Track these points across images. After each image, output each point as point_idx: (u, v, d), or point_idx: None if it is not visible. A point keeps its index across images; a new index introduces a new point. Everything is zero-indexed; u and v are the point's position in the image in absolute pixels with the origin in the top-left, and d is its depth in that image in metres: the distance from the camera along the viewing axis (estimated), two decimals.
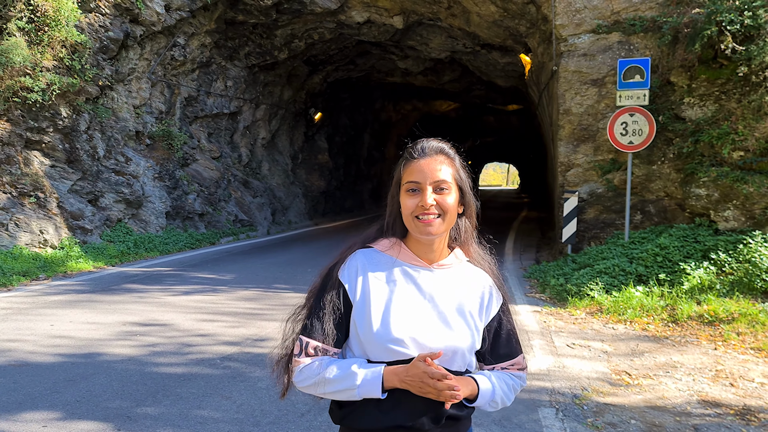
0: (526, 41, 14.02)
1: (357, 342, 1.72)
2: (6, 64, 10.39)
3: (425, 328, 1.68)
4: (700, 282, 7.76)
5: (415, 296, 1.72)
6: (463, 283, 1.77)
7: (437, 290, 1.73)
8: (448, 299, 1.73)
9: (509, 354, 1.83)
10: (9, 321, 6.99)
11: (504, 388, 1.78)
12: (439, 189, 1.68)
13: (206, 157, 17.17)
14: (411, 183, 1.69)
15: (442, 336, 1.68)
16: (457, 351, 1.69)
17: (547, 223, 18.81)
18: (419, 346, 1.66)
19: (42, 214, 11.06)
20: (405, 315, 1.68)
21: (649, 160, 9.85)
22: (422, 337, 1.66)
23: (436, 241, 1.74)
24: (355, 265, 1.76)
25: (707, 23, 8.31)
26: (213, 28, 15.94)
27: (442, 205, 1.68)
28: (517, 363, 1.85)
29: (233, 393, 4.78)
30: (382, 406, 1.65)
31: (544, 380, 5.31)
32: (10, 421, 4.15)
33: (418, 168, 1.69)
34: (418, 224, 1.68)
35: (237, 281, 9.95)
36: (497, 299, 1.81)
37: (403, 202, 1.71)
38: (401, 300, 1.70)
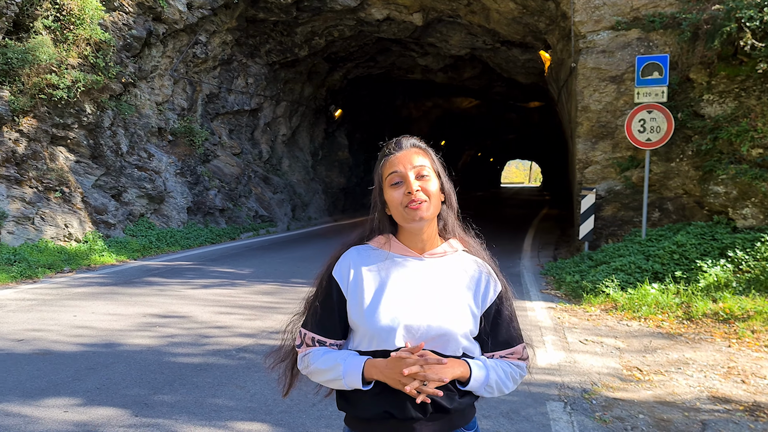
0: (545, 38, 13.99)
1: (354, 331, 1.80)
2: (33, 62, 10.65)
3: (414, 314, 1.72)
4: (717, 280, 7.73)
5: (405, 284, 1.76)
6: (457, 271, 1.81)
7: (428, 278, 1.77)
8: (439, 286, 1.77)
9: (508, 342, 1.84)
10: (34, 311, 7.20)
11: (500, 375, 1.79)
12: (420, 176, 1.75)
13: (227, 154, 17.38)
14: (393, 175, 1.75)
15: (431, 321, 1.71)
16: (450, 336, 1.71)
17: (567, 220, 18.73)
18: (408, 332, 1.70)
19: (67, 209, 11.32)
20: (394, 302, 1.73)
21: (668, 157, 9.80)
22: (411, 323, 1.71)
23: (425, 231, 1.79)
24: (347, 260, 1.83)
25: (726, 20, 8.25)
26: (234, 26, 16.13)
27: (426, 191, 1.74)
28: (516, 352, 1.85)
29: (247, 383, 4.90)
30: (371, 394, 1.71)
31: (554, 375, 5.36)
32: (33, 406, 4.31)
33: (397, 161, 1.76)
34: (408, 211, 1.72)
35: (255, 275, 10.11)
36: (494, 286, 1.83)
37: (389, 197, 1.77)
38: (391, 288, 1.76)
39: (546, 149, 46.70)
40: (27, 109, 10.81)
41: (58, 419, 4.09)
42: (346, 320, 1.80)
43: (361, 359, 1.72)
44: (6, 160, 10.29)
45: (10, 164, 10.38)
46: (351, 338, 1.82)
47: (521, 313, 7.67)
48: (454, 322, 1.73)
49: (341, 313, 1.80)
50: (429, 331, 1.71)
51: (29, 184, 10.68)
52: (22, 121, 10.77)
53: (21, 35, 11.04)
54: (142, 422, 4.08)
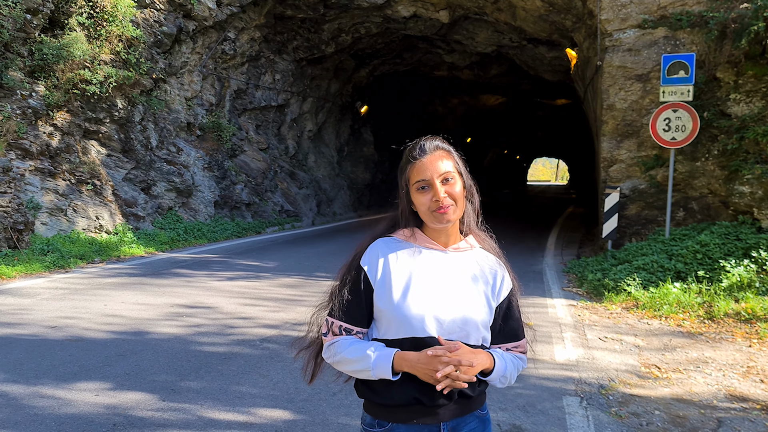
0: (572, 36, 13.93)
1: (379, 320, 1.87)
2: (67, 58, 10.95)
3: (442, 303, 1.81)
4: (740, 280, 7.68)
5: (432, 274, 1.85)
6: (476, 265, 1.92)
7: (452, 269, 1.88)
8: (462, 277, 1.87)
9: (516, 336, 1.97)
10: (66, 300, 7.45)
11: (510, 367, 1.92)
12: (445, 180, 1.83)
13: (254, 149, 17.62)
14: (420, 182, 1.84)
15: (457, 309, 1.81)
16: (473, 323, 1.82)
17: (593, 219, 18.63)
18: (437, 320, 1.79)
19: (98, 201, 11.62)
20: (423, 291, 1.82)
21: (693, 156, 9.73)
22: (439, 312, 1.80)
23: (450, 228, 1.88)
24: (375, 250, 1.91)
25: (754, 19, 8.17)
26: (262, 23, 16.34)
27: (452, 195, 1.82)
28: (521, 346, 1.99)
29: (270, 372, 5.05)
30: (399, 383, 1.80)
31: (572, 370, 5.41)
32: (66, 389, 4.50)
33: (423, 166, 1.84)
34: (436, 215, 1.82)
35: (280, 269, 10.28)
36: (507, 283, 1.94)
37: (416, 200, 1.86)
38: (419, 278, 1.84)
39: (573, 147, 46.29)
40: (61, 103, 11.11)
41: (89, 402, 4.28)
42: (370, 308, 1.88)
43: (390, 351, 1.78)
44: (40, 153, 10.60)
45: (44, 157, 10.69)
46: (375, 327, 1.90)
47: (542, 309, 7.71)
48: (476, 312, 1.84)
49: (368, 301, 1.87)
50: (455, 321, 1.81)
51: (62, 177, 10.99)
52: (57, 115, 11.08)
53: (56, 32, 11.35)
54: (169, 407, 4.24)
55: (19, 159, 10.22)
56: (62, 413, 4.07)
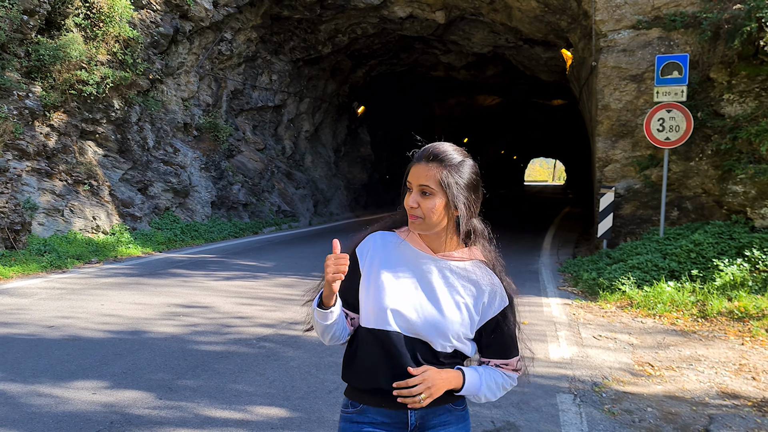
0: (567, 36, 14.00)
1: (360, 307, 1.93)
2: (64, 59, 10.97)
3: (413, 303, 1.85)
4: (733, 278, 7.75)
5: (413, 275, 1.89)
6: (466, 277, 1.89)
7: (435, 274, 1.88)
8: (443, 284, 1.87)
9: (504, 354, 1.94)
10: (63, 300, 7.47)
11: (491, 385, 1.91)
12: (422, 193, 1.82)
13: (251, 149, 17.65)
14: (407, 183, 1.87)
15: (427, 313, 1.84)
16: (440, 331, 1.83)
17: (589, 219, 18.71)
18: (404, 318, 1.83)
19: (95, 202, 11.64)
20: (399, 288, 1.86)
21: (687, 156, 9.80)
22: (408, 311, 1.84)
23: (439, 237, 1.89)
24: (370, 241, 1.97)
25: (747, 19, 8.24)
26: (259, 24, 16.37)
27: (423, 208, 1.81)
28: (511, 364, 1.96)
29: (267, 370, 5.09)
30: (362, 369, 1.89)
31: (565, 368, 5.46)
32: (63, 388, 4.54)
33: (413, 171, 1.85)
34: (410, 220, 1.86)
35: (276, 269, 10.32)
36: (501, 300, 1.90)
37: (405, 199, 1.88)
38: (400, 275, 1.89)
39: (570, 147, 46.38)
40: (58, 104, 11.13)
41: (86, 400, 4.31)
42: (356, 294, 1.94)
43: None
44: (37, 153, 10.63)
45: (41, 158, 10.71)
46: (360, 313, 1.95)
47: (537, 308, 7.77)
48: (447, 321, 1.83)
49: (353, 286, 1.93)
50: (422, 323, 1.83)
51: (59, 177, 11.01)
52: (53, 116, 11.11)
53: (53, 32, 11.37)
54: (165, 405, 4.28)
55: (16, 159, 10.24)
56: (60, 411, 4.11)
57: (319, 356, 5.50)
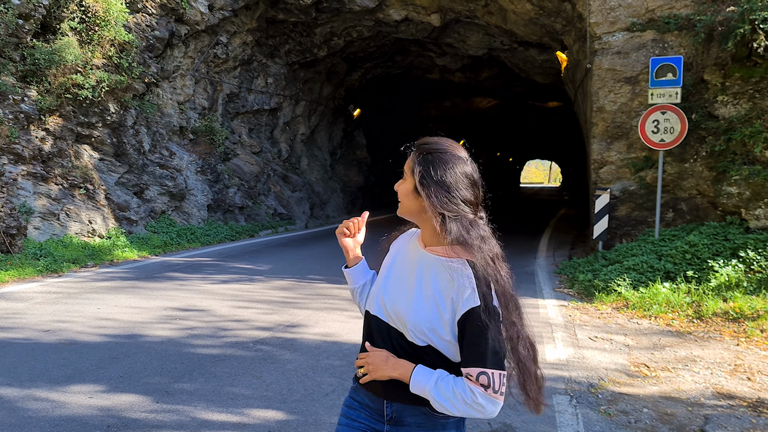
0: (562, 39, 14.05)
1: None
2: (59, 63, 10.96)
3: (389, 292, 1.95)
4: (728, 279, 7.78)
5: (401, 266, 1.99)
6: (442, 272, 1.84)
7: (415, 267, 1.92)
8: (418, 277, 1.89)
9: (466, 361, 1.78)
10: (59, 304, 7.46)
11: (446, 392, 1.77)
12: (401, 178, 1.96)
13: (247, 152, 17.65)
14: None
15: (399, 304, 1.89)
16: (408, 322, 1.84)
17: (585, 220, 18.75)
18: (380, 304, 1.96)
19: (91, 205, 11.63)
20: (387, 277, 2.01)
21: (682, 158, 9.84)
22: (385, 298, 1.95)
23: (425, 227, 1.91)
24: (403, 235, 2.15)
25: (740, 22, 8.29)
26: (254, 27, 16.38)
27: (399, 191, 1.94)
28: (471, 375, 1.75)
29: (263, 373, 5.09)
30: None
31: (562, 370, 5.48)
32: (60, 392, 4.53)
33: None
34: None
35: (273, 271, 10.32)
36: (469, 300, 1.77)
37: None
38: (393, 266, 2.03)
39: (565, 149, 46.51)
40: (53, 108, 11.12)
41: (83, 404, 4.31)
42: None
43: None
44: (33, 157, 10.61)
45: (36, 162, 10.70)
46: None
47: (533, 310, 7.78)
48: (413, 313, 1.84)
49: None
50: (394, 312, 1.91)
51: (55, 181, 10.99)
52: (49, 120, 11.09)
53: (48, 36, 11.36)
54: (162, 408, 4.28)
55: (12, 164, 10.23)
56: (56, 415, 4.10)
57: (316, 359, 5.51)
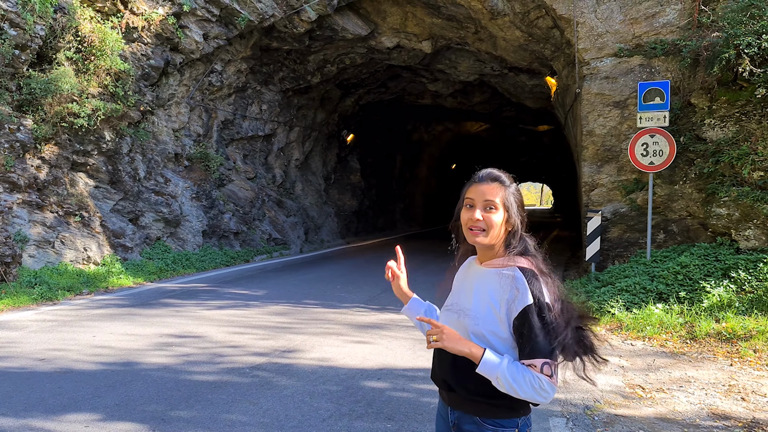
0: (551, 64, 14.27)
1: None
2: (55, 92, 11.06)
3: (454, 302, 2.27)
4: (720, 300, 7.85)
5: (462, 282, 2.31)
6: (497, 279, 2.12)
7: (474, 280, 2.22)
8: (476, 287, 2.18)
9: (529, 353, 2.00)
10: (54, 332, 7.45)
11: (515, 375, 1.98)
12: (487, 208, 2.13)
13: (242, 178, 17.73)
14: (468, 200, 2.18)
15: (458, 311, 2.21)
16: (462, 326, 2.13)
17: (578, 242, 18.84)
18: (446, 314, 2.28)
19: (86, 233, 11.65)
20: (452, 292, 2.33)
21: (671, 180, 9.97)
22: (450, 308, 2.27)
23: (490, 249, 2.19)
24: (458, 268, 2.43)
25: (725, 47, 8.47)
26: (249, 55, 16.57)
27: (488, 221, 2.12)
28: (534, 365, 1.99)
29: (260, 399, 5.10)
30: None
31: (557, 392, 5.50)
32: (56, 421, 4.53)
33: (476, 190, 2.17)
34: (468, 233, 2.16)
35: (269, 297, 10.33)
36: (521, 300, 2.03)
37: (462, 215, 2.19)
38: (456, 283, 2.35)
39: (556, 172, 46.81)
40: (49, 136, 11.19)
41: None
42: None
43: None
44: (28, 186, 10.66)
45: (32, 190, 10.74)
46: None
47: None
48: (471, 314, 2.14)
49: None
50: (453, 318, 2.21)
51: (50, 209, 11.02)
52: (44, 149, 11.16)
53: (44, 66, 11.48)
54: None
55: (7, 192, 10.26)
56: None
57: (312, 384, 5.53)
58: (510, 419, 2.09)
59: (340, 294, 10.79)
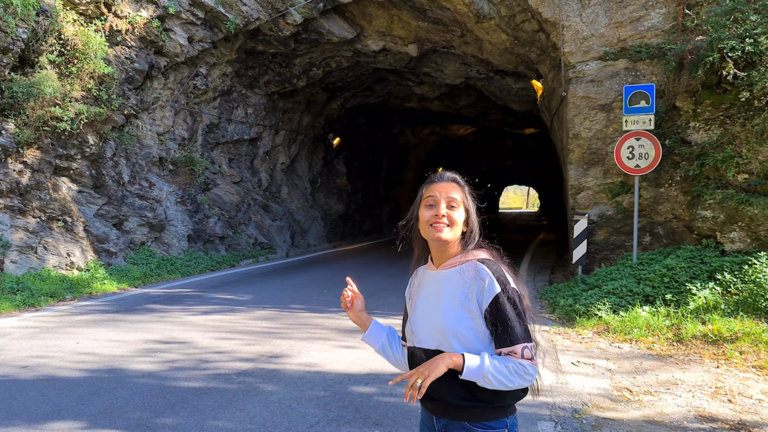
0: (537, 68, 14.33)
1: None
2: (37, 95, 10.92)
3: (419, 318, 2.20)
4: (706, 302, 7.90)
5: (420, 293, 2.25)
6: (459, 277, 2.12)
7: (435, 286, 2.18)
8: (440, 292, 2.14)
9: (507, 341, 2.02)
10: (37, 339, 7.34)
11: (499, 368, 1.97)
12: (450, 205, 2.15)
13: (227, 182, 17.62)
14: (429, 198, 2.18)
15: (429, 322, 2.14)
16: (443, 333, 2.08)
17: (564, 245, 18.92)
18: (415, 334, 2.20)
19: (69, 238, 11.51)
20: (413, 309, 2.26)
21: (657, 182, 10.03)
22: (416, 326, 2.20)
23: (445, 249, 2.18)
24: (411, 280, 2.39)
25: (710, 50, 8.54)
26: (234, 58, 16.49)
27: (450, 218, 2.14)
28: (515, 351, 2.01)
29: (247, 406, 5.05)
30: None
31: (545, 395, 5.50)
32: (39, 430, 4.45)
33: (437, 188, 2.19)
34: (430, 229, 2.14)
35: (255, 302, 10.26)
36: (490, 290, 2.04)
37: (421, 214, 2.19)
38: (415, 298, 2.28)
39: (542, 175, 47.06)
40: (31, 140, 11.05)
41: None
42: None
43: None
44: (10, 190, 10.51)
45: (14, 195, 10.59)
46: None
47: None
48: (447, 323, 2.08)
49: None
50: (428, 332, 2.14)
51: (32, 214, 10.88)
52: (26, 153, 11.02)
53: (26, 70, 11.34)
54: None
55: None
56: None
57: (299, 390, 5.48)
58: (499, 420, 2.09)
59: (327, 298, 10.73)
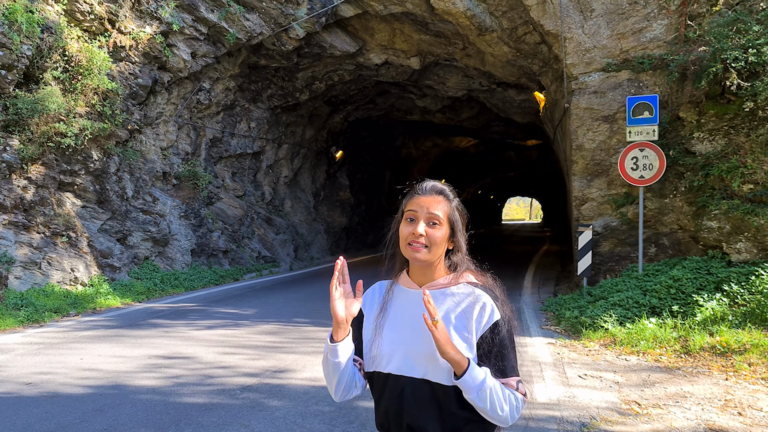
0: (539, 79, 14.35)
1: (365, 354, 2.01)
2: (42, 112, 10.97)
3: (392, 343, 1.94)
4: (713, 313, 7.84)
5: (398, 316, 1.97)
6: (449, 299, 1.93)
7: (417, 309, 1.91)
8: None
9: (502, 371, 1.87)
10: (41, 355, 7.31)
11: (497, 391, 1.82)
12: (431, 223, 1.91)
13: (230, 196, 17.64)
14: (410, 212, 1.93)
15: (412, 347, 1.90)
16: (433, 358, 1.85)
17: (568, 256, 18.85)
18: (391, 358, 1.92)
19: (73, 253, 11.50)
20: (390, 331, 1.96)
21: (662, 193, 10.00)
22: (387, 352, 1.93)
23: (428, 268, 1.96)
24: (372, 292, 2.09)
25: (713, 61, 8.54)
26: (237, 73, 16.57)
27: (431, 237, 1.89)
28: (509, 383, 1.87)
29: (251, 421, 5.00)
30: (377, 411, 1.98)
31: (553, 410, 5.45)
32: None
33: (418, 202, 1.93)
34: (407, 249, 1.91)
35: (258, 316, 10.22)
36: (489, 315, 1.88)
37: (401, 229, 1.94)
38: (387, 320, 1.98)
39: (545, 186, 47.06)
40: (35, 156, 11.08)
41: None
42: (361, 341, 2.03)
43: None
44: (14, 206, 10.52)
45: (18, 210, 10.60)
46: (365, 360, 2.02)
47: (521, 349, 7.75)
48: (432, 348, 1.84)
49: (359, 334, 2.03)
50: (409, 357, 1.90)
51: (36, 230, 10.88)
52: (31, 169, 11.04)
53: (31, 86, 11.39)
54: None
55: None
56: None
57: (304, 405, 5.44)
58: None
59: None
